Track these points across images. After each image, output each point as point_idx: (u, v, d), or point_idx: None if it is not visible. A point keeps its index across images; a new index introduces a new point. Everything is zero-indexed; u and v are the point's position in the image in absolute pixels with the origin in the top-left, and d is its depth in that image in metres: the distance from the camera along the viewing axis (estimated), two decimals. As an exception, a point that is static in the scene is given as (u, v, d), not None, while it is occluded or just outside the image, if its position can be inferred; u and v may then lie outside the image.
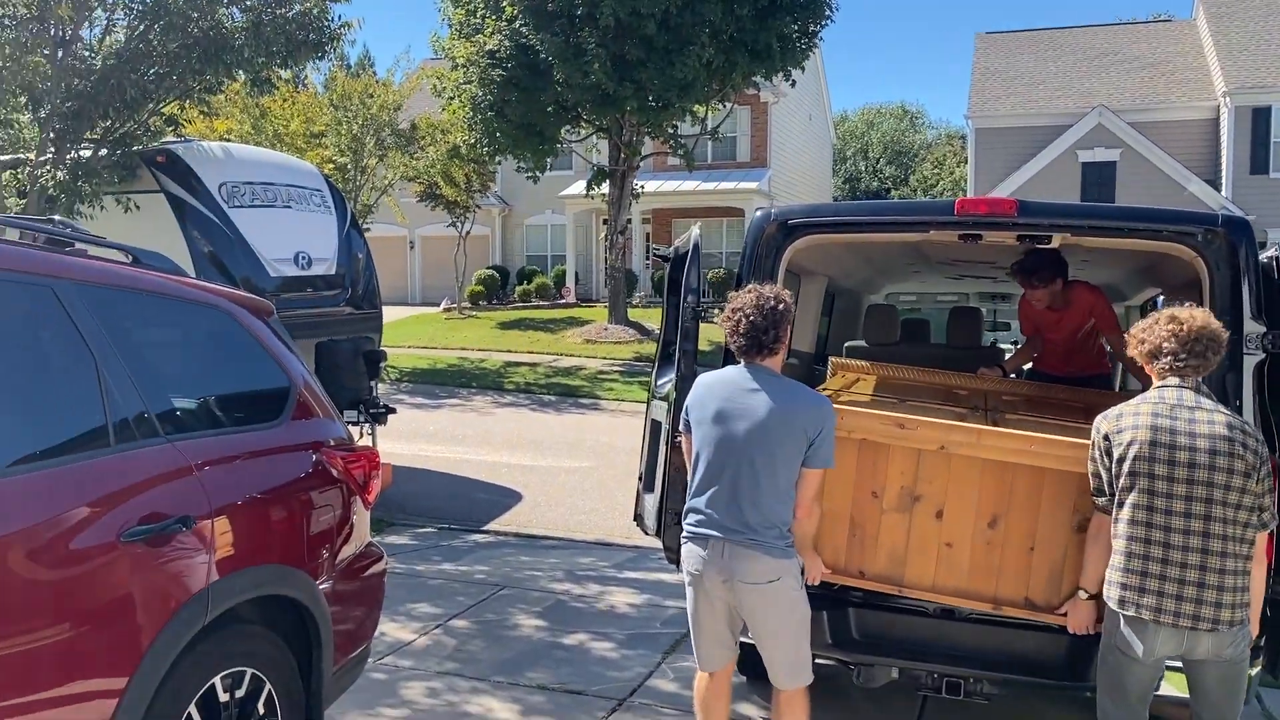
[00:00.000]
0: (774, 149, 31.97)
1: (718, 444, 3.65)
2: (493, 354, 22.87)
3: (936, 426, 3.86)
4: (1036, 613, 3.82)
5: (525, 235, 34.98)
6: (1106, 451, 3.42)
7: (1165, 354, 3.40)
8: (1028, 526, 3.80)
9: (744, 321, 3.63)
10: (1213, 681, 3.36)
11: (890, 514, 3.93)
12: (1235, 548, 3.27)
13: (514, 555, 7.92)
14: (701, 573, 3.69)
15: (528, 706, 4.97)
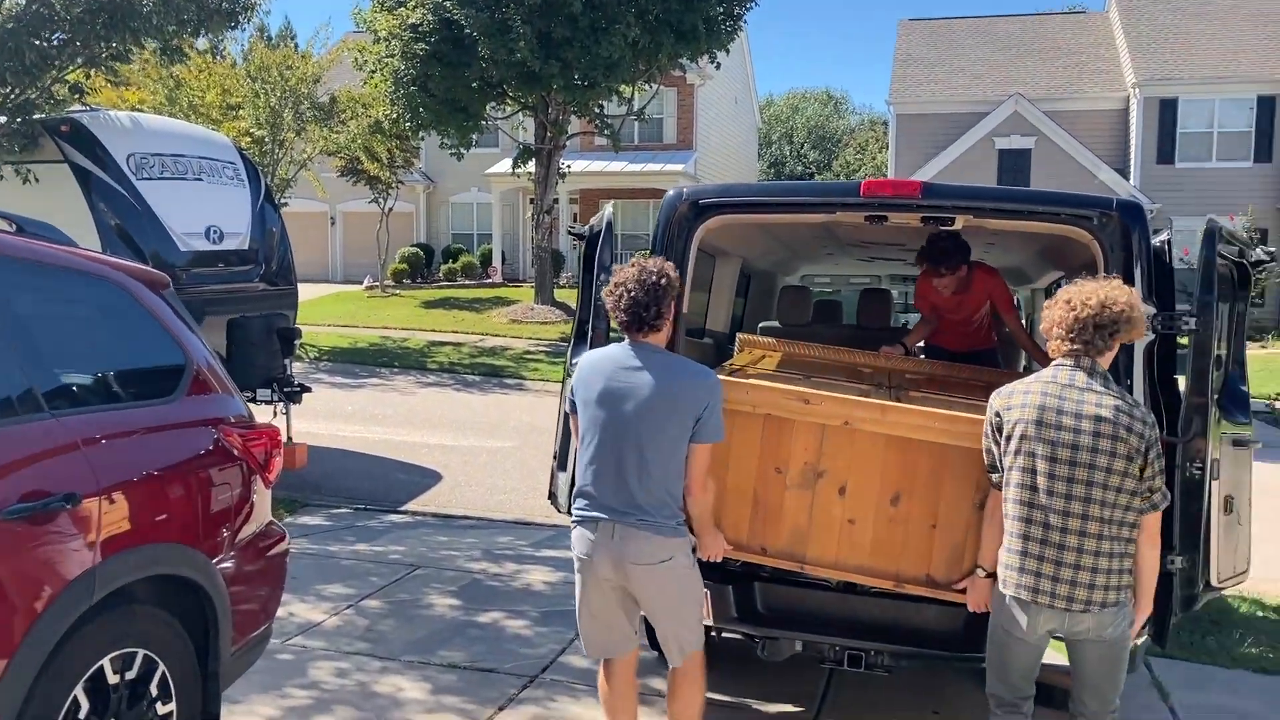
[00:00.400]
0: (700, 131, 32.05)
1: (604, 424, 3.58)
2: (416, 333, 22.60)
3: (841, 402, 3.85)
4: (937, 590, 3.83)
5: (450, 213, 34.58)
6: (998, 428, 3.43)
7: (1057, 335, 3.39)
8: (930, 504, 3.81)
9: (625, 297, 3.56)
10: (1093, 660, 3.39)
11: (794, 490, 3.91)
12: (1115, 530, 3.27)
13: (431, 535, 7.86)
14: (592, 556, 3.62)
15: (438, 685, 4.94)
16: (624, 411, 3.54)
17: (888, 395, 4.29)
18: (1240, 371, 4.81)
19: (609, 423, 3.57)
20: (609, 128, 22.66)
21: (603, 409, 3.58)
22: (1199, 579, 4.00)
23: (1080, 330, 3.34)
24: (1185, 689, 5.26)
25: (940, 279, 5.49)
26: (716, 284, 6.30)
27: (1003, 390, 3.49)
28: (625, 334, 3.65)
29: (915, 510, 3.84)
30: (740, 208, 4.56)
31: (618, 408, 3.55)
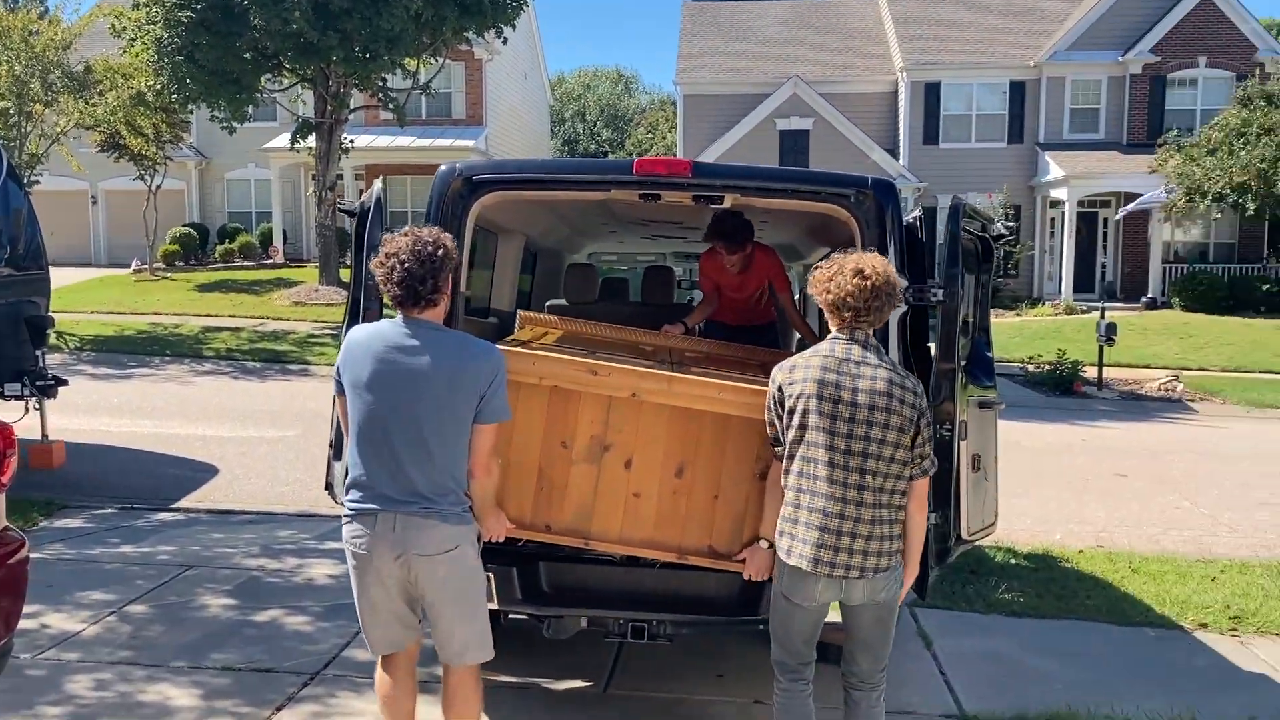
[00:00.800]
0: (490, 107, 31.65)
1: (377, 408, 3.36)
2: (190, 319, 21.36)
3: (629, 373, 3.83)
4: (719, 561, 3.88)
5: (226, 190, 32.75)
6: (780, 402, 3.48)
7: (849, 307, 3.39)
8: (713, 475, 3.84)
9: (399, 269, 3.31)
10: (868, 623, 3.51)
11: (579, 465, 3.87)
12: (888, 499, 3.39)
13: (205, 533, 7.44)
14: (370, 552, 3.39)
15: (211, 690, 4.69)
16: (400, 394, 3.33)
17: (670, 370, 4.32)
18: (985, 338, 5.16)
19: (383, 406, 3.34)
20: (393, 101, 22.03)
21: (375, 392, 3.36)
22: (951, 533, 4.28)
23: (871, 299, 3.36)
24: (947, 636, 5.65)
25: (729, 256, 5.57)
26: (500, 261, 6.23)
27: (784, 364, 3.53)
28: (399, 310, 3.40)
29: (699, 482, 3.86)
30: (515, 184, 4.51)
31: (393, 390, 3.34)
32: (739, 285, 5.92)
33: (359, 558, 3.44)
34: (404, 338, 3.37)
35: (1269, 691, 5.10)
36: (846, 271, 3.41)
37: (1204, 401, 16.72)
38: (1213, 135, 22.17)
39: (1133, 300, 26.26)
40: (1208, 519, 8.89)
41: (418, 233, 3.39)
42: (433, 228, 3.48)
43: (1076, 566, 7.09)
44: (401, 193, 29.80)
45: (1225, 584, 6.75)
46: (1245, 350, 20.77)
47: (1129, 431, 13.73)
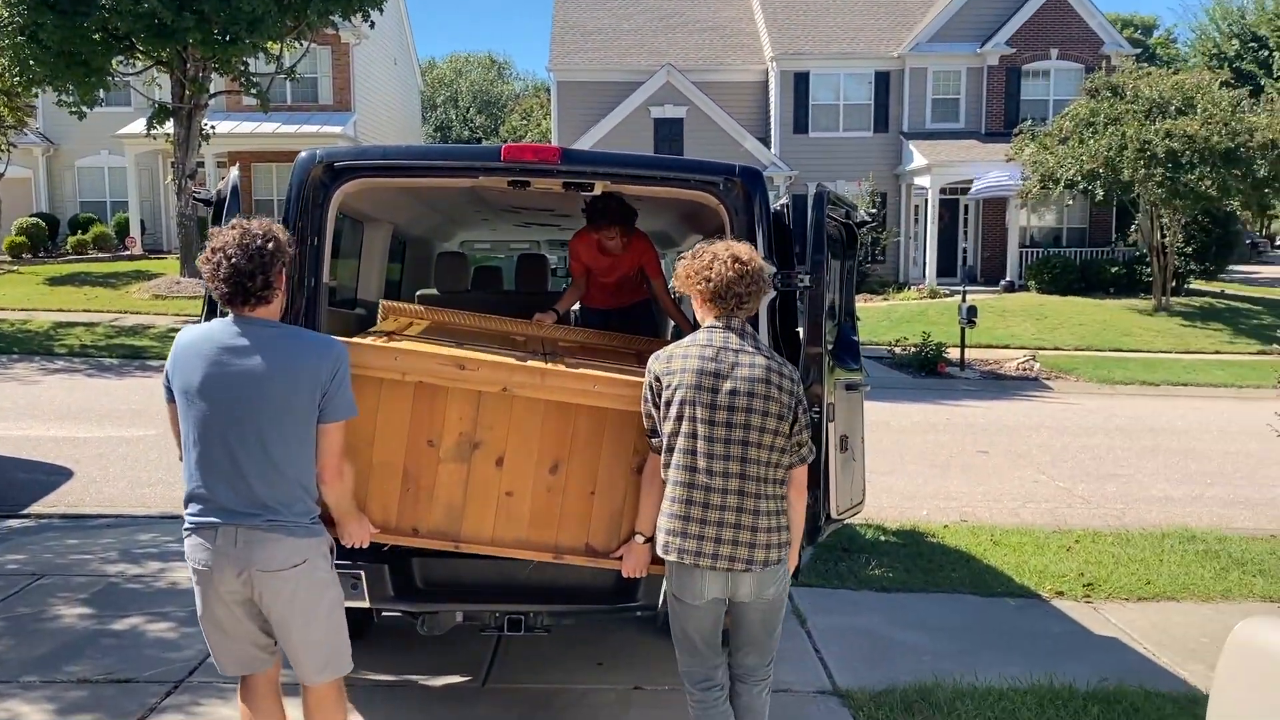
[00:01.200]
0: (358, 92, 30.86)
1: (212, 416, 3.11)
2: (40, 314, 20.25)
3: (499, 366, 3.67)
4: (597, 559, 3.78)
5: (78, 178, 31.13)
6: (657, 393, 3.39)
7: (734, 294, 3.34)
8: (589, 470, 3.73)
9: (225, 265, 3.09)
10: (755, 620, 3.43)
11: (448, 464, 3.69)
12: (770, 489, 3.33)
13: (59, 539, 7.06)
14: (211, 568, 3.15)
15: (66, 704, 4.46)
16: (236, 399, 3.10)
17: (543, 362, 4.23)
18: (851, 322, 5.28)
19: (219, 413, 3.11)
20: (256, 86, 21.26)
21: (208, 399, 3.11)
22: (821, 513, 4.37)
23: (751, 285, 3.34)
24: (820, 613, 5.79)
25: (606, 234, 5.42)
26: (366, 251, 6.07)
27: (660, 354, 3.44)
28: (228, 308, 3.17)
29: (574, 478, 3.74)
30: (379, 171, 4.37)
31: (228, 395, 3.10)
32: (609, 268, 5.84)
33: (201, 574, 3.20)
34: (235, 338, 3.14)
35: (1120, 653, 5.38)
36: (725, 259, 3.36)
37: (1059, 379, 17.55)
38: (1064, 125, 23.19)
39: (992, 284, 27.35)
40: (1063, 491, 9.34)
41: (246, 225, 3.17)
42: (263, 219, 3.27)
43: (942, 541, 7.35)
44: (267, 181, 28.83)
45: (1079, 553, 7.10)
46: (1096, 330, 21.89)
47: (990, 410, 14.30)
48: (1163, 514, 8.50)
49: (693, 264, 3.44)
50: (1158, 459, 10.94)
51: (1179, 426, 13.22)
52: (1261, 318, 23.64)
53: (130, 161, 28.40)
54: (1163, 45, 52.50)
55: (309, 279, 4.12)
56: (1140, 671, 5.07)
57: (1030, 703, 4.60)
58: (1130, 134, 21.33)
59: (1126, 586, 6.39)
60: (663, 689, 4.70)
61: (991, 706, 4.55)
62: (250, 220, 3.22)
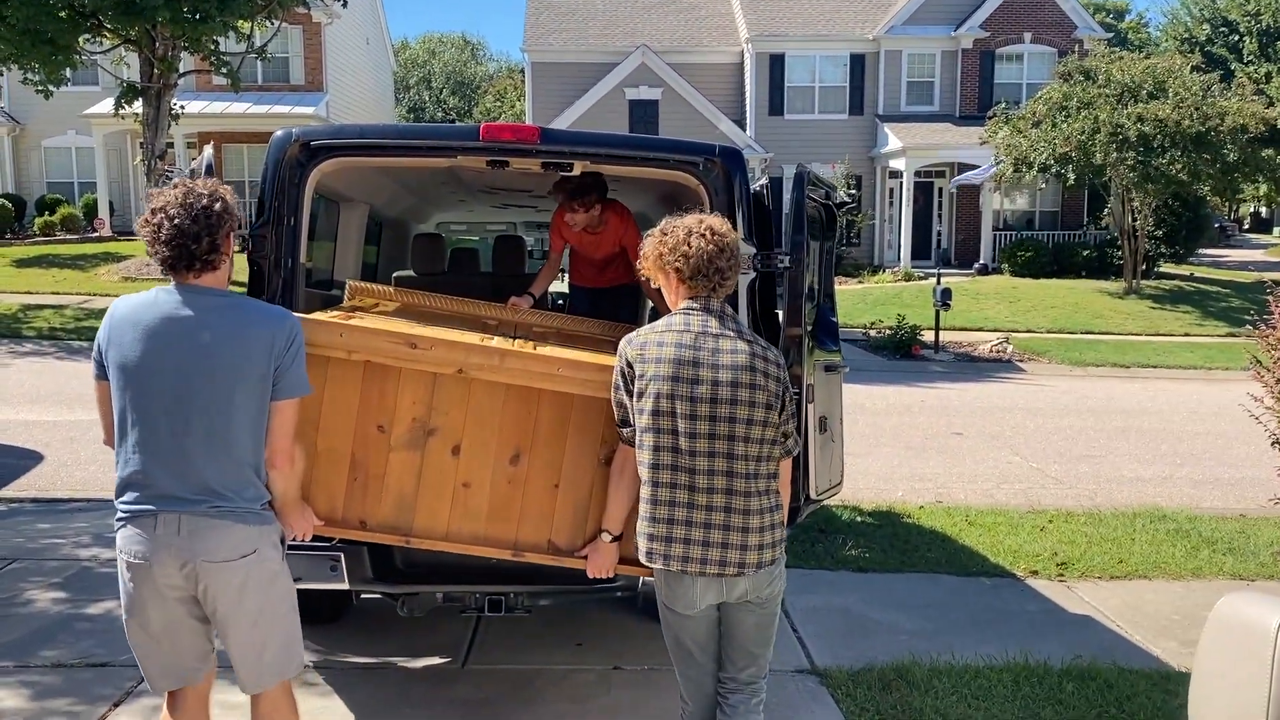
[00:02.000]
0: (330, 73, 30.55)
1: (151, 392, 2.85)
2: (6, 296, 19.97)
3: (455, 346, 3.42)
4: (560, 557, 3.56)
5: (45, 159, 30.67)
6: (630, 379, 3.10)
7: (715, 270, 3.07)
8: (553, 462, 3.50)
9: (167, 225, 2.82)
10: (749, 627, 3.18)
11: (399, 452, 3.45)
12: (762, 485, 3.07)
13: (30, 523, 6.99)
14: (149, 561, 2.85)
15: (40, 689, 4.42)
16: (181, 372, 2.84)
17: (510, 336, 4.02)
18: (830, 304, 5.29)
19: (161, 389, 2.84)
20: (227, 66, 20.96)
21: (149, 372, 2.84)
22: (801, 494, 4.38)
23: (730, 260, 3.10)
24: (798, 593, 5.82)
25: (574, 214, 5.35)
26: (342, 231, 6.02)
27: (634, 339, 3.14)
28: (171, 274, 2.90)
29: (536, 469, 3.50)
30: (356, 150, 4.33)
31: (172, 368, 2.84)
32: (594, 245, 5.74)
33: (136, 568, 2.89)
34: (179, 307, 2.87)
35: (1092, 630, 5.45)
36: (701, 232, 3.08)
37: (1031, 361, 17.70)
38: (1037, 109, 23.32)
39: (966, 266, 27.52)
40: (1036, 472, 9.43)
41: (190, 184, 2.92)
42: (209, 179, 3.02)
43: (918, 522, 7.41)
44: (238, 161, 28.53)
45: (1053, 533, 7.18)
46: (1068, 312, 22.08)
47: (964, 391, 14.41)
48: (1134, 494, 8.60)
49: (665, 240, 3.15)
50: (1129, 440, 11.06)
51: (1150, 408, 13.38)
52: (1230, 300, 23.92)
53: (98, 142, 28.01)
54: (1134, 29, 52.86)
55: (286, 259, 4.08)
56: (1113, 649, 5.14)
57: (1006, 680, 4.65)
58: (1102, 118, 21.48)
59: (1099, 565, 6.46)
60: (642, 669, 4.71)
61: (968, 684, 4.60)
62: (195, 180, 2.97)
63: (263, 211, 4.12)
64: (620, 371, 3.15)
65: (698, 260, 3.07)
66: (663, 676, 4.62)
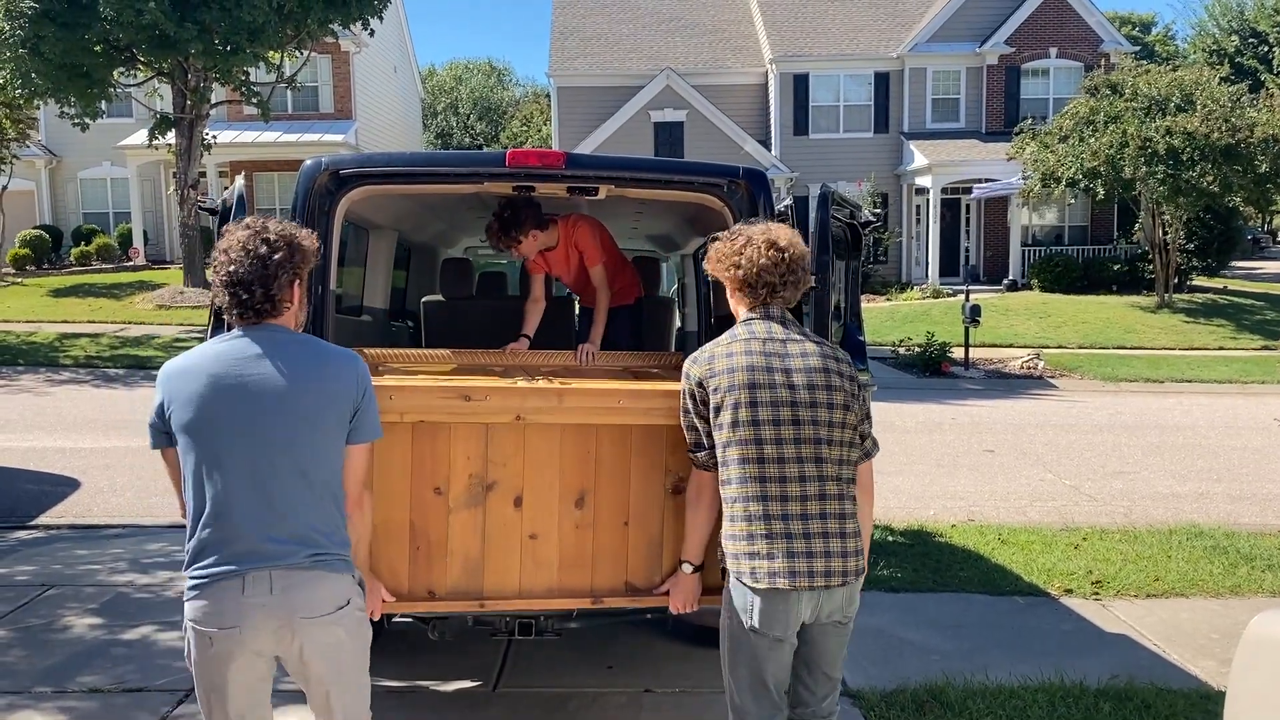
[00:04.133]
0: (359, 101, 30.95)
1: (231, 439, 2.66)
2: (45, 325, 20.31)
3: (511, 393, 3.27)
4: (639, 598, 3.43)
5: (80, 190, 31.22)
6: (702, 401, 3.03)
7: (764, 283, 3.06)
8: (619, 498, 3.37)
9: (224, 269, 2.71)
10: (833, 646, 3.07)
11: (459, 512, 3.31)
12: (846, 488, 3.01)
13: (68, 550, 7.08)
14: (239, 626, 2.64)
15: (77, 715, 4.47)
16: (261, 413, 2.67)
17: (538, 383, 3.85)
18: (857, 323, 5.27)
19: (241, 434, 2.66)
20: (257, 96, 21.32)
21: (226, 419, 2.66)
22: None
23: (787, 273, 3.07)
24: (829, 614, 5.77)
25: (520, 245, 5.08)
26: (372, 258, 6.10)
27: (699, 357, 3.07)
28: (234, 321, 2.78)
29: (604, 509, 3.37)
30: (385, 178, 4.39)
31: (254, 415, 2.67)
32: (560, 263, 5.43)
33: (220, 639, 2.65)
34: (248, 347, 2.73)
35: (1130, 650, 5.38)
36: (758, 243, 3.05)
37: (1063, 377, 17.54)
38: (1064, 123, 23.21)
39: (995, 283, 27.35)
40: (1070, 489, 9.33)
41: (259, 225, 2.79)
42: (285, 222, 2.91)
43: (950, 541, 7.35)
44: (269, 190, 28.92)
45: (1087, 551, 7.10)
46: (1099, 328, 21.88)
47: (995, 408, 14.30)
48: (1169, 511, 8.49)
49: (725, 246, 3.13)
50: (1163, 456, 10.93)
51: (1184, 423, 13.21)
52: (1265, 313, 23.62)
53: (133, 172, 28.50)
54: (1161, 42, 52.51)
55: (316, 286, 4.13)
56: (1151, 668, 5.07)
57: (1041, 701, 4.60)
58: (1130, 131, 21.34)
59: (1135, 584, 6.38)
60: (673, 692, 4.70)
61: (1003, 705, 4.55)
62: (270, 221, 2.83)
63: (294, 239, 4.17)
64: (689, 393, 3.06)
65: (748, 271, 3.06)
66: (694, 700, 4.62)
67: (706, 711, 4.51)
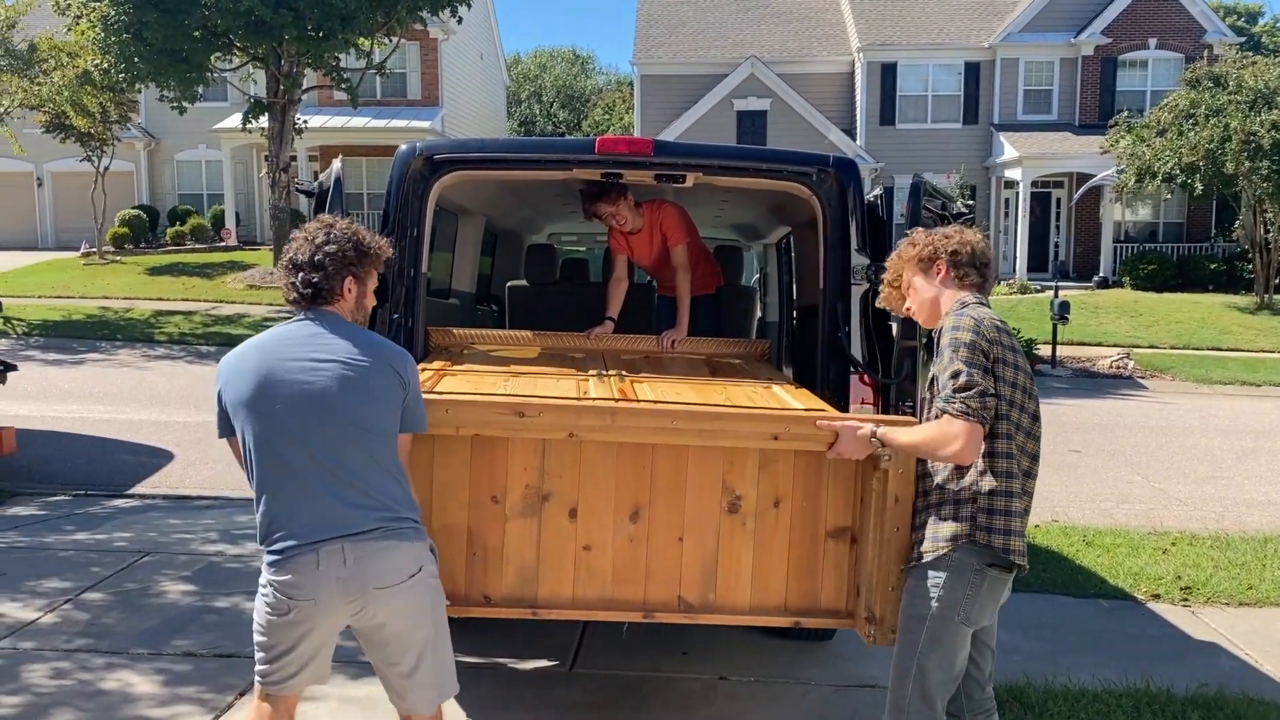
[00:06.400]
0: (446, 87, 31.35)
1: (298, 412, 2.74)
2: (141, 303, 21.03)
3: (564, 410, 3.30)
4: (693, 614, 3.43)
5: (177, 172, 32.21)
6: (995, 360, 2.93)
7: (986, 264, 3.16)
8: (674, 513, 3.37)
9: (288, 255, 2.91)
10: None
11: (515, 520, 3.36)
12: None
13: (162, 519, 7.35)
14: (316, 600, 2.74)
15: (172, 676, 4.64)
16: (327, 389, 2.76)
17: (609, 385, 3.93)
18: (945, 317, 5.20)
19: (307, 408, 2.74)
20: (347, 81, 21.74)
21: (291, 399, 2.75)
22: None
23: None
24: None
25: (609, 208, 5.14)
26: (460, 243, 6.19)
27: (983, 317, 2.94)
28: (291, 303, 2.93)
29: (658, 524, 3.37)
30: (477, 163, 4.45)
31: (317, 387, 2.75)
32: (643, 247, 5.50)
33: (297, 610, 2.77)
34: (304, 328, 2.86)
35: (1219, 657, 5.22)
36: (969, 233, 3.15)
37: (1154, 378, 17.04)
38: (1162, 116, 22.48)
39: (1085, 279, 26.66)
40: (1159, 493, 9.08)
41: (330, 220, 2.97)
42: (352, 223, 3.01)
43: (1033, 541, 7.20)
44: (356, 174, 29.48)
45: (1176, 556, 6.90)
46: (1193, 328, 21.19)
47: (1083, 408, 13.96)
48: (1265, 518, 8.21)
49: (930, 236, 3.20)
50: (1259, 461, 10.56)
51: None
52: (1372, 317, 22.62)
53: (226, 155, 29.31)
54: (1269, 33, 50.47)
55: (409, 269, 4.22)
56: (1242, 678, 4.92)
57: (1126, 706, 4.49)
58: (1234, 125, 20.60)
59: (1226, 591, 6.19)
60: (748, 680, 4.71)
61: (1085, 708, 4.46)
62: (343, 221, 2.98)
63: (387, 222, 4.27)
64: (981, 350, 2.89)
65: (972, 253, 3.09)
66: (767, 690, 4.62)
67: (780, 700, 4.51)
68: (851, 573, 3.38)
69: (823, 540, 3.37)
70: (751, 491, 3.33)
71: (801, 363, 5.10)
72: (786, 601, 3.40)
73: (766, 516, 3.34)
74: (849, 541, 3.38)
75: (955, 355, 2.89)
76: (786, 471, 3.32)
